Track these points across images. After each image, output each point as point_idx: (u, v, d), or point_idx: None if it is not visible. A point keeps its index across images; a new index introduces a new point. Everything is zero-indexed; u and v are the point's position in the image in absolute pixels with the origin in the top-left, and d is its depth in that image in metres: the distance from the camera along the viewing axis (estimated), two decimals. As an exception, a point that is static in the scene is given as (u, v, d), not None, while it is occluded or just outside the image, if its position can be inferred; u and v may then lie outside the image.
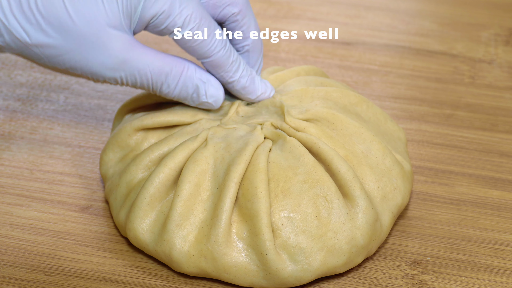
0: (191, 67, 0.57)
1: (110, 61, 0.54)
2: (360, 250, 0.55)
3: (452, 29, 0.82)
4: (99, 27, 0.53)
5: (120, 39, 0.54)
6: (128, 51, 0.55)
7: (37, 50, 0.54)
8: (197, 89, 0.58)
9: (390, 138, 0.61)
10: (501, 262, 0.57)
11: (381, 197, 0.57)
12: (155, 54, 0.56)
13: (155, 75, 0.56)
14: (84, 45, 0.53)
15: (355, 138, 0.58)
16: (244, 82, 0.59)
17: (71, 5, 0.52)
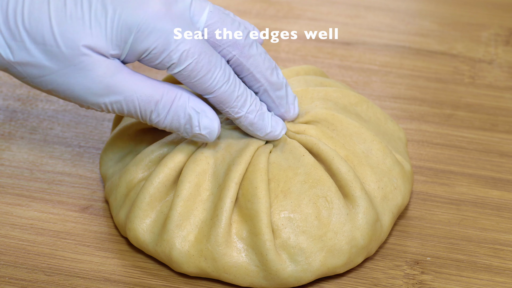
0: (184, 95, 0.54)
1: (94, 86, 0.52)
2: (360, 250, 0.55)
3: (452, 29, 0.82)
4: (82, 50, 0.51)
5: (104, 64, 0.51)
6: (112, 76, 0.52)
7: (20, 69, 0.52)
8: (189, 119, 0.54)
9: (390, 138, 0.61)
10: (501, 262, 0.57)
11: (382, 197, 0.57)
12: (144, 80, 0.53)
13: (143, 102, 0.53)
14: (66, 67, 0.51)
15: (355, 138, 0.58)
16: (252, 118, 0.55)
17: (57, 25, 0.51)
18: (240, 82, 0.55)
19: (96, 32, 0.51)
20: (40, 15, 0.51)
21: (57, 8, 0.51)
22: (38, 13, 0.51)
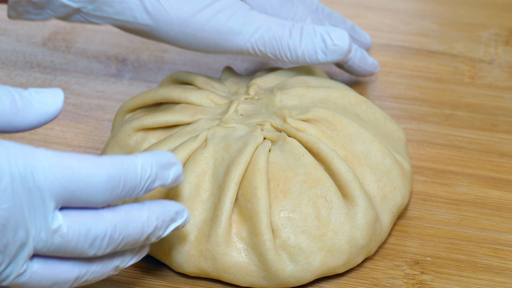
0: (306, 23, 0.60)
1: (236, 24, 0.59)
2: (360, 250, 0.55)
3: (452, 29, 0.82)
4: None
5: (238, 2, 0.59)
6: (249, 12, 0.59)
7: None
8: (321, 36, 0.59)
9: (390, 138, 0.61)
10: (501, 262, 0.57)
11: (381, 197, 0.57)
12: (266, 15, 0.60)
13: (279, 27, 0.59)
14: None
15: (354, 138, 0.58)
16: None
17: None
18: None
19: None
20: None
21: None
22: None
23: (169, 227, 0.50)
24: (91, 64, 0.76)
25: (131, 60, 0.77)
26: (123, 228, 0.48)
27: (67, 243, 0.46)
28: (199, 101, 0.60)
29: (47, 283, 0.47)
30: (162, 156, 0.49)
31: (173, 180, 0.49)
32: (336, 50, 0.60)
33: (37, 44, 0.78)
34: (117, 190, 0.47)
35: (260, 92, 0.61)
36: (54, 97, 0.49)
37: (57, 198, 0.45)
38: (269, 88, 0.62)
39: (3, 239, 0.44)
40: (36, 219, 0.45)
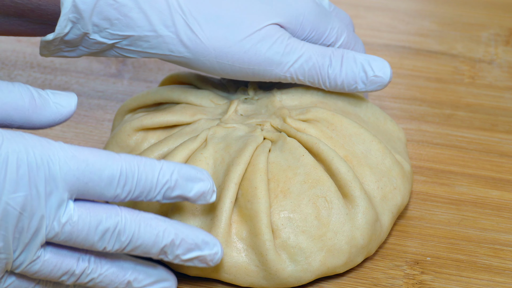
0: (347, 50, 0.59)
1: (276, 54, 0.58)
2: (360, 250, 0.55)
3: (452, 29, 0.82)
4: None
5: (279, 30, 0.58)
6: (289, 40, 0.58)
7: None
8: (362, 66, 0.58)
9: (390, 138, 0.61)
10: (501, 262, 0.57)
11: (381, 197, 0.57)
12: (307, 42, 0.59)
13: (319, 57, 0.58)
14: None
15: (354, 138, 0.58)
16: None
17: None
18: None
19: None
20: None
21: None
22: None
23: (191, 251, 0.50)
24: (91, 64, 0.76)
25: (131, 60, 0.77)
26: (135, 228, 0.49)
27: (77, 232, 0.48)
28: (199, 101, 0.60)
29: (57, 273, 0.49)
30: (189, 169, 0.50)
31: (197, 195, 0.50)
32: (377, 81, 0.59)
33: (37, 45, 0.78)
34: (129, 186, 0.48)
35: (260, 92, 0.61)
36: (68, 99, 0.51)
37: (70, 189, 0.47)
38: (269, 88, 0.62)
39: (18, 226, 0.46)
40: (50, 208, 0.47)
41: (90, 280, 0.50)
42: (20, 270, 0.48)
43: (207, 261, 0.51)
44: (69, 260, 0.49)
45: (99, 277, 0.50)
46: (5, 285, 0.49)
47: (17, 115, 0.49)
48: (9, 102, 0.49)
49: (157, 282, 0.52)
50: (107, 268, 0.50)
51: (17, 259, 0.48)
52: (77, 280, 0.50)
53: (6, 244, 0.47)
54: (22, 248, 0.47)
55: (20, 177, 0.46)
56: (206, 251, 0.51)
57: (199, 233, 0.51)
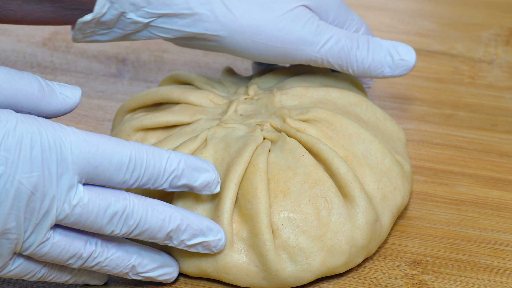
0: (371, 36, 0.60)
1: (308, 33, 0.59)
2: (360, 250, 0.55)
3: (452, 29, 0.82)
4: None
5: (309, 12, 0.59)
6: (319, 21, 0.59)
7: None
8: (388, 50, 0.59)
9: (390, 138, 0.61)
10: (501, 262, 0.57)
11: (381, 197, 0.57)
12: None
13: (348, 39, 0.59)
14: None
15: (354, 138, 0.58)
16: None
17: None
18: None
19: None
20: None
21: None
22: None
23: (196, 237, 0.52)
24: (91, 64, 0.76)
25: (131, 60, 0.77)
26: (143, 212, 0.50)
27: (87, 214, 0.49)
28: (199, 101, 0.60)
29: (65, 256, 0.50)
30: (195, 159, 0.52)
31: (203, 185, 0.52)
32: (403, 65, 0.60)
33: (37, 44, 0.78)
34: (137, 173, 0.50)
35: (260, 92, 0.61)
36: (73, 91, 0.52)
37: (81, 172, 0.48)
38: (268, 88, 0.62)
39: (30, 206, 0.47)
40: (61, 190, 0.48)
41: (96, 264, 0.51)
42: (29, 252, 0.49)
43: (210, 247, 0.52)
44: (77, 243, 0.50)
45: (105, 261, 0.51)
46: (13, 266, 0.50)
47: (26, 101, 0.50)
48: (19, 88, 0.49)
49: (160, 267, 0.53)
50: (113, 252, 0.51)
51: (27, 240, 0.48)
52: (84, 263, 0.51)
53: (18, 224, 0.47)
54: (32, 228, 0.48)
55: (34, 157, 0.47)
56: (210, 237, 0.52)
57: (204, 220, 0.52)
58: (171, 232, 0.51)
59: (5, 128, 0.47)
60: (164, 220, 0.51)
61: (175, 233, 0.51)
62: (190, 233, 0.52)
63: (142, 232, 0.50)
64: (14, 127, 0.47)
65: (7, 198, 0.47)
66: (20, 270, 0.50)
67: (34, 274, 0.51)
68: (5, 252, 0.48)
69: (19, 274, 0.50)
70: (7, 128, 0.47)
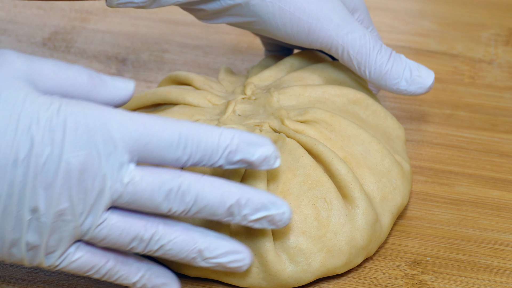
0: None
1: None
2: (360, 250, 0.55)
3: (452, 29, 0.82)
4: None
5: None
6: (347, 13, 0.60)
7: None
8: (407, 66, 0.59)
9: (389, 137, 0.61)
10: (501, 262, 0.57)
11: (381, 198, 0.57)
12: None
13: (369, 41, 0.59)
14: None
15: (353, 139, 0.58)
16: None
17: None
18: None
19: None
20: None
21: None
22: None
23: (258, 211, 0.50)
24: (91, 64, 0.76)
25: (131, 60, 0.77)
26: (199, 188, 0.49)
27: (141, 192, 0.48)
28: (197, 101, 0.60)
29: (126, 239, 0.49)
30: (249, 134, 0.50)
31: (260, 159, 0.50)
32: (419, 82, 0.59)
33: (37, 44, 0.78)
34: (189, 149, 0.49)
35: (257, 91, 0.61)
36: (126, 83, 0.51)
37: (130, 151, 0.48)
38: (266, 86, 0.62)
39: (81, 186, 0.47)
40: (112, 169, 0.48)
41: (160, 248, 0.50)
42: (89, 237, 0.49)
43: (275, 222, 0.51)
44: (137, 224, 0.49)
45: (169, 244, 0.50)
46: (75, 257, 0.50)
47: (76, 91, 0.50)
48: (67, 78, 0.49)
49: (229, 253, 0.51)
50: (176, 235, 0.50)
51: (84, 223, 0.48)
52: (147, 246, 0.50)
53: (72, 205, 0.47)
54: (88, 209, 0.48)
55: (79, 137, 0.47)
56: (273, 211, 0.50)
57: (265, 193, 0.50)
58: (231, 207, 0.49)
59: (50, 111, 0.47)
60: (222, 195, 0.49)
61: (235, 208, 0.49)
62: (251, 207, 0.50)
63: (201, 209, 0.49)
64: (57, 109, 0.47)
65: (57, 178, 0.47)
66: (83, 263, 0.50)
67: (98, 270, 0.50)
68: (65, 236, 0.48)
69: (81, 267, 0.50)
70: (51, 110, 0.47)
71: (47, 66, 0.49)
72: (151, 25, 0.82)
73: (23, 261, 0.49)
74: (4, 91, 0.47)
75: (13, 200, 0.47)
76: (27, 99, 0.47)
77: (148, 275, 0.51)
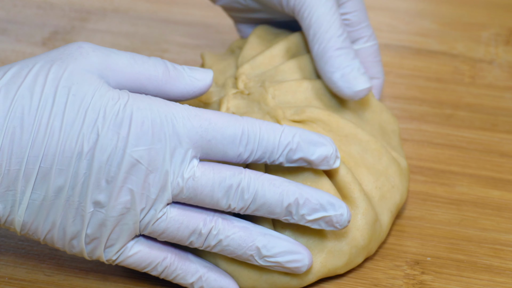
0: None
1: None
2: (361, 250, 0.55)
3: (452, 29, 0.82)
4: None
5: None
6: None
7: None
8: (352, 65, 0.57)
9: (385, 132, 0.61)
10: (501, 262, 0.57)
11: (380, 197, 0.57)
12: None
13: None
14: None
15: (350, 138, 0.58)
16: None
17: None
18: None
19: None
20: None
21: None
22: None
23: (316, 211, 0.51)
24: (91, 64, 0.76)
25: (131, 60, 0.76)
26: (258, 186, 0.50)
27: (201, 188, 0.49)
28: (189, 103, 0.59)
29: (184, 232, 0.50)
30: (310, 133, 0.51)
31: (320, 158, 0.51)
32: (351, 82, 0.56)
33: (37, 44, 0.78)
34: (251, 145, 0.50)
35: (250, 84, 0.59)
36: (204, 74, 0.52)
37: (194, 146, 0.49)
38: (259, 75, 0.60)
39: (144, 179, 0.48)
40: (174, 164, 0.48)
41: (218, 243, 0.50)
42: (148, 231, 0.49)
43: (333, 223, 0.51)
44: (196, 218, 0.50)
45: (226, 240, 0.50)
46: (131, 252, 0.50)
47: (151, 85, 0.51)
48: (142, 72, 0.50)
49: (288, 253, 0.51)
50: (235, 231, 0.50)
51: (145, 217, 0.49)
52: (205, 241, 0.50)
53: (132, 198, 0.48)
54: (149, 204, 0.49)
55: (144, 132, 0.48)
56: (331, 212, 0.51)
57: (324, 194, 0.51)
58: (289, 206, 0.50)
59: (117, 105, 0.48)
60: (281, 194, 0.50)
61: (293, 207, 0.50)
62: (309, 207, 0.51)
63: (260, 207, 0.50)
64: (125, 104, 0.48)
65: (120, 172, 0.48)
66: (141, 258, 0.50)
67: (155, 266, 0.51)
68: (125, 230, 0.49)
69: (139, 262, 0.51)
70: (118, 104, 0.48)
71: (121, 60, 0.50)
72: (151, 25, 0.82)
73: (82, 253, 0.50)
74: (75, 85, 0.48)
75: (75, 191, 0.48)
76: (96, 94, 0.48)
77: (206, 277, 0.52)
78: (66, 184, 0.48)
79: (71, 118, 0.47)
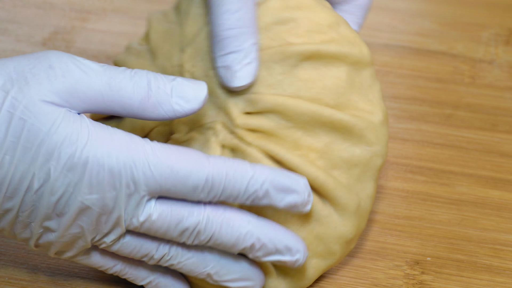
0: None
1: None
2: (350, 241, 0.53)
3: (452, 29, 0.82)
4: None
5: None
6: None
7: None
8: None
9: (361, 87, 0.54)
10: (501, 262, 0.57)
11: (357, 176, 0.53)
12: None
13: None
14: None
15: (313, 124, 0.52)
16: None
17: None
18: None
19: None
20: None
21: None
22: None
23: (271, 255, 0.50)
24: (91, 64, 0.76)
25: (131, 60, 0.77)
26: (216, 229, 0.48)
27: (156, 229, 0.48)
28: None
29: (136, 255, 0.49)
30: (284, 178, 0.49)
31: (288, 206, 0.49)
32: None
33: (37, 44, 0.78)
34: (214, 193, 0.48)
35: (198, 71, 0.53)
36: (196, 92, 0.48)
37: (153, 193, 0.47)
38: (203, 58, 0.53)
39: (95, 220, 0.47)
40: (130, 208, 0.47)
41: (170, 266, 0.50)
42: (102, 247, 0.49)
43: (287, 265, 0.50)
44: (148, 245, 0.49)
45: (179, 264, 0.50)
46: (83, 259, 0.51)
47: (124, 112, 0.47)
48: (115, 100, 0.47)
49: (239, 280, 0.51)
50: (188, 257, 0.50)
51: (96, 242, 0.49)
52: (157, 263, 0.50)
53: (83, 231, 0.48)
54: (102, 236, 0.48)
55: (99, 181, 0.46)
56: (287, 257, 0.50)
57: (283, 238, 0.49)
58: (245, 249, 0.49)
59: (74, 147, 0.46)
60: (238, 238, 0.48)
61: (249, 250, 0.49)
62: (265, 251, 0.49)
63: (215, 245, 0.49)
64: (82, 147, 0.46)
65: (69, 212, 0.47)
66: (91, 262, 0.51)
67: (106, 270, 0.51)
68: (75, 248, 0.49)
69: (92, 265, 0.51)
70: (75, 147, 0.46)
71: (94, 86, 0.47)
72: (151, 25, 0.82)
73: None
74: (31, 119, 0.45)
75: (25, 214, 0.47)
76: (52, 130, 0.45)
77: (156, 282, 0.52)
78: (14, 208, 0.47)
79: (22, 156, 0.45)
